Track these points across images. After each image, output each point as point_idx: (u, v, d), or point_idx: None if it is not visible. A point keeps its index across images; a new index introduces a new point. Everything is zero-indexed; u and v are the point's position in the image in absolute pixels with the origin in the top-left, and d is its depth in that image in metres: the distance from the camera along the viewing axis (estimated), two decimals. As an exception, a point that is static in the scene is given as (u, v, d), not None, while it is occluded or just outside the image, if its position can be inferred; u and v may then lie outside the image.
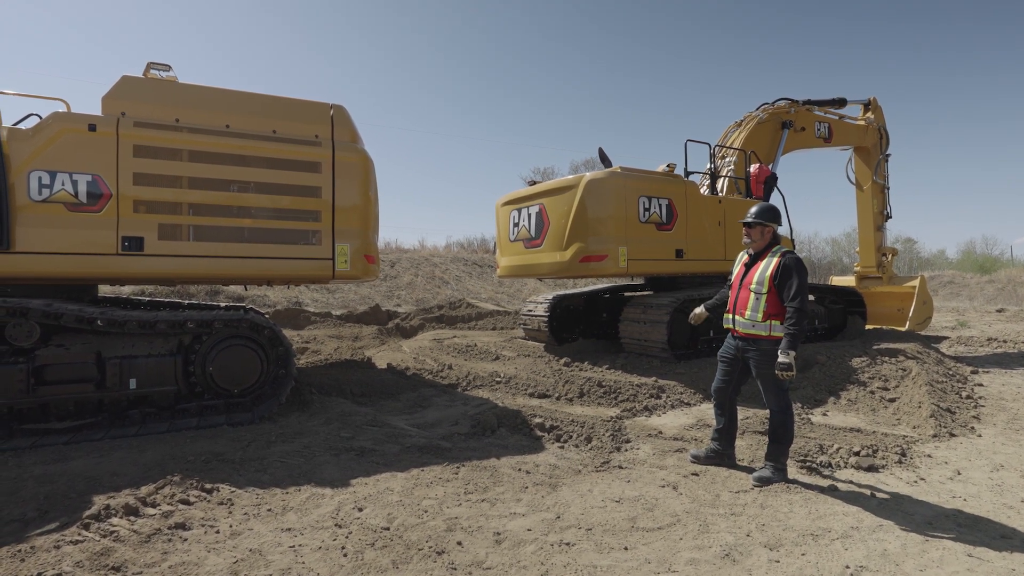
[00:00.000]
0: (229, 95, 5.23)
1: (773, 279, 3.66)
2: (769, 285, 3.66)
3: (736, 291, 3.90)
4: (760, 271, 3.73)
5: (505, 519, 3.06)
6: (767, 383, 3.71)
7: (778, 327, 3.62)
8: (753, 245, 3.86)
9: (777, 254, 3.74)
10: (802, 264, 3.69)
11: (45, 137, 4.46)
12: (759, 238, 3.84)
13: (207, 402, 4.95)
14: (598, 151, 7.86)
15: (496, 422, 4.83)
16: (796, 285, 3.57)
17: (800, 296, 3.55)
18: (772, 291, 3.66)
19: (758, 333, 3.69)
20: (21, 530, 2.83)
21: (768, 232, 3.84)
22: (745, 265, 3.91)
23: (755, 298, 3.70)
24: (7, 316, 4.29)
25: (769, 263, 3.72)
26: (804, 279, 3.63)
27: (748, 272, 3.83)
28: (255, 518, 3.03)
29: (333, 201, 5.40)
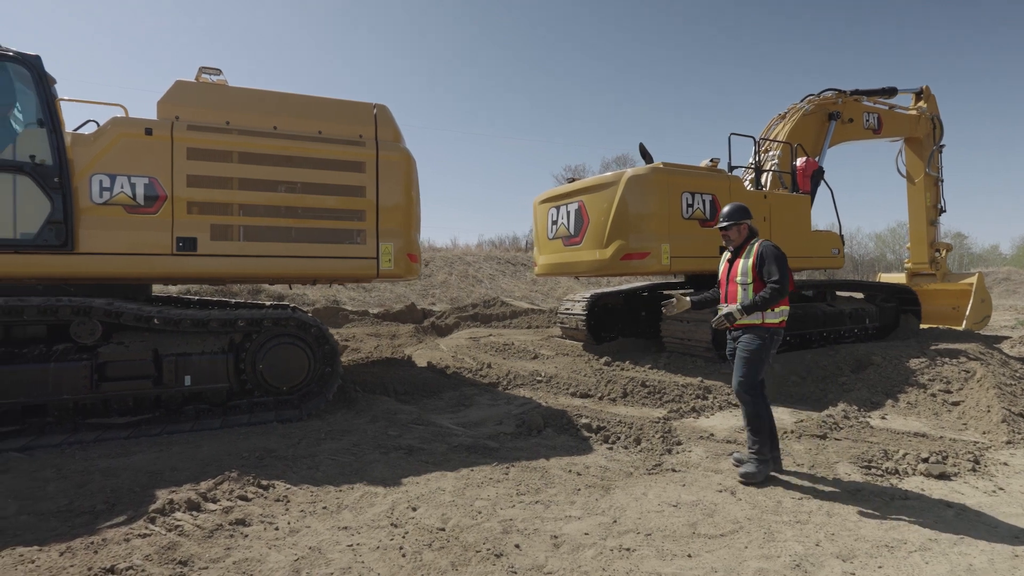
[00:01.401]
0: (276, 97, 5.32)
1: (755, 268, 3.79)
2: (753, 275, 3.79)
3: (724, 287, 4.02)
4: (743, 263, 3.87)
5: (560, 522, 3.00)
6: (740, 364, 3.79)
7: (770, 314, 3.74)
8: (732, 244, 4.01)
9: (755, 244, 3.88)
10: (779, 250, 3.82)
11: (105, 141, 4.61)
12: (737, 236, 3.98)
13: (257, 399, 5.05)
14: (639, 147, 7.71)
15: (542, 422, 4.77)
16: (775, 268, 3.71)
17: (779, 276, 3.67)
18: (757, 280, 3.78)
19: (752, 322, 3.77)
20: (92, 522, 2.91)
21: (744, 229, 3.97)
22: (728, 262, 4.05)
23: (743, 290, 3.83)
24: (72, 315, 4.45)
25: (749, 254, 3.86)
26: (782, 261, 3.75)
27: (732, 267, 3.97)
28: (311, 515, 3.05)
29: (377, 200, 5.44)
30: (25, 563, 2.50)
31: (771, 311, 3.74)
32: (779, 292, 3.66)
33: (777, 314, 3.77)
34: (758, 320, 3.75)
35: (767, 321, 3.74)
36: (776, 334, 3.79)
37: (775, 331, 3.78)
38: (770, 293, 3.66)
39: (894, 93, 11.46)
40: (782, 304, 3.76)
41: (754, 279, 3.79)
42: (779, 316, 3.78)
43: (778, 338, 3.82)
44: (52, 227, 4.39)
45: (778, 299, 3.67)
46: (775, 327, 3.78)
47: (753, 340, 3.74)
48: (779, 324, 3.80)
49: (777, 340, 3.81)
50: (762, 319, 3.74)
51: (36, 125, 4.41)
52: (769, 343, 3.76)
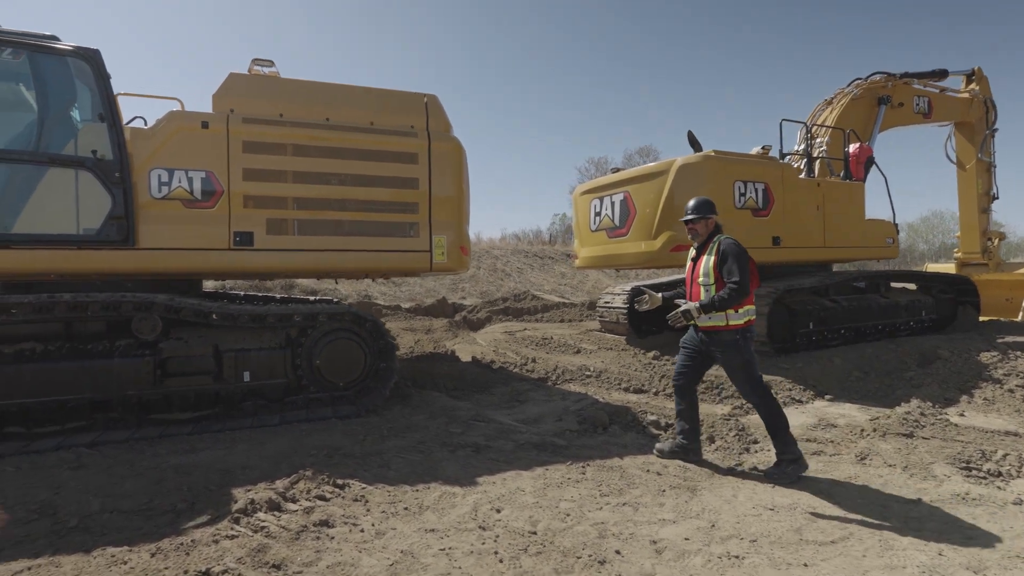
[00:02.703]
0: (328, 88, 5.22)
1: (716, 267, 3.65)
2: (715, 275, 3.65)
3: (689, 287, 3.88)
4: (705, 263, 3.73)
5: (655, 526, 2.86)
6: (736, 375, 3.67)
7: (733, 315, 3.58)
8: (698, 239, 3.84)
9: (717, 242, 3.72)
10: (740, 247, 3.66)
11: (163, 136, 4.56)
12: (704, 231, 3.82)
13: (313, 395, 4.99)
14: (688, 134, 7.46)
15: (607, 419, 4.62)
16: (735, 265, 3.55)
17: (740, 274, 3.52)
18: (719, 279, 3.63)
19: (716, 324, 3.63)
20: (175, 521, 2.86)
21: (711, 223, 3.82)
22: (692, 260, 3.91)
23: (705, 291, 3.69)
24: (134, 310, 4.42)
25: (712, 252, 3.71)
26: (743, 259, 3.59)
27: (695, 266, 3.82)
28: (394, 516, 2.95)
29: (430, 192, 5.32)
30: (118, 564, 2.44)
31: (734, 311, 3.58)
32: (738, 292, 3.50)
33: (741, 314, 3.61)
34: (722, 322, 3.60)
35: (731, 323, 3.59)
36: (747, 332, 3.65)
37: (745, 331, 3.63)
38: (728, 294, 3.50)
39: (945, 75, 10.98)
40: (746, 304, 3.61)
41: (716, 279, 3.65)
42: (744, 316, 3.62)
43: (751, 335, 3.67)
44: (114, 222, 4.37)
45: (737, 300, 3.52)
46: (741, 327, 3.61)
47: (728, 352, 3.62)
48: (745, 324, 3.63)
49: (751, 337, 3.67)
50: (726, 321, 3.59)
51: (96, 120, 4.38)
52: (744, 344, 3.61)
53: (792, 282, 7.40)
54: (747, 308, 3.63)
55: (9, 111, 4.40)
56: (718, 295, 3.55)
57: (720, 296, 3.53)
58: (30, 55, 4.22)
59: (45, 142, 4.26)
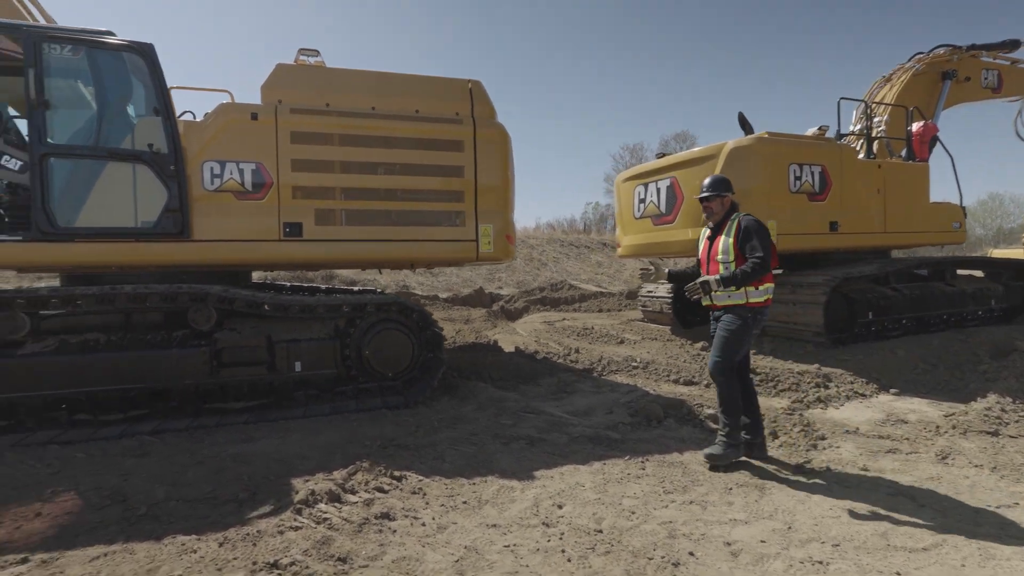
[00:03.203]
0: (373, 76, 5.17)
1: (737, 245, 3.55)
2: (735, 252, 3.56)
3: (705, 266, 3.78)
4: (723, 240, 3.63)
5: (726, 526, 2.72)
6: (720, 342, 3.58)
7: (754, 292, 3.51)
8: (713, 217, 3.74)
9: (736, 220, 3.64)
10: (760, 224, 3.61)
11: (215, 128, 4.59)
12: (720, 209, 3.71)
13: (362, 385, 5.00)
14: (738, 116, 7.14)
15: (662, 412, 4.48)
16: (758, 242, 3.48)
17: (763, 250, 3.46)
18: (739, 257, 3.55)
19: (736, 302, 3.55)
20: (238, 510, 2.88)
21: (727, 201, 3.73)
22: (708, 239, 3.81)
23: (724, 268, 3.59)
24: (189, 301, 4.50)
25: (730, 231, 3.62)
26: (766, 236, 3.53)
27: (712, 244, 3.73)
28: (454, 510, 2.90)
29: (476, 180, 5.23)
30: (188, 552, 2.46)
31: (755, 288, 3.51)
32: (762, 267, 3.43)
33: (761, 292, 3.54)
34: (741, 300, 3.53)
35: (751, 300, 3.52)
36: (760, 314, 3.58)
37: (759, 311, 3.57)
38: (752, 267, 3.42)
39: (1017, 46, 10.20)
40: (766, 281, 3.54)
41: (736, 256, 3.56)
42: (763, 294, 3.55)
43: (762, 318, 3.61)
44: (170, 215, 4.43)
45: (760, 274, 3.44)
46: (759, 306, 3.55)
47: (734, 320, 3.54)
48: (763, 303, 3.57)
49: (761, 320, 3.60)
50: (746, 298, 3.52)
51: (151, 114, 4.44)
52: (751, 323, 3.55)
53: (850, 269, 7.04)
54: (767, 286, 3.56)
55: (70, 107, 4.50)
56: (740, 268, 3.47)
57: (743, 270, 3.44)
58: (88, 51, 4.30)
59: (104, 137, 4.35)
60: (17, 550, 2.49)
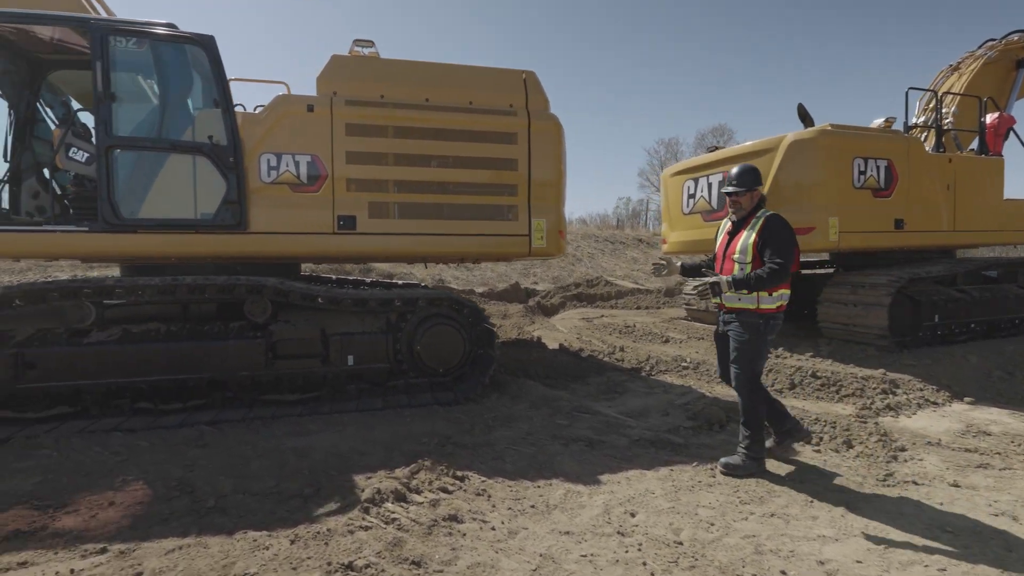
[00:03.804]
0: (426, 68, 5.09)
1: (757, 246, 3.28)
2: (753, 253, 3.29)
3: (720, 262, 3.55)
4: (743, 239, 3.37)
5: (815, 543, 2.56)
6: (739, 356, 3.34)
7: (766, 299, 3.27)
8: (740, 212, 3.48)
9: (762, 218, 3.36)
10: (787, 225, 3.33)
11: (271, 120, 4.59)
12: (748, 204, 3.44)
13: (412, 380, 4.96)
14: (798, 108, 6.83)
15: (724, 416, 4.30)
16: (780, 245, 3.22)
17: (783, 255, 3.19)
18: (757, 259, 3.29)
19: (746, 306, 3.32)
20: (304, 506, 2.85)
21: (756, 195, 3.45)
22: (728, 233, 3.55)
23: (739, 269, 3.34)
24: (246, 293, 4.52)
25: (753, 228, 3.34)
26: (790, 240, 3.27)
27: (731, 241, 3.47)
28: (522, 515, 2.81)
29: (529, 174, 5.12)
30: (261, 549, 2.43)
31: (768, 295, 3.26)
32: (779, 274, 3.17)
33: (775, 298, 3.29)
34: (752, 304, 3.28)
35: (762, 306, 3.27)
36: (773, 319, 3.33)
37: (771, 317, 3.31)
38: (768, 273, 3.17)
39: (1100, 30, 9.51)
40: (781, 288, 3.29)
41: (754, 258, 3.29)
42: (776, 300, 3.30)
43: (776, 323, 3.35)
44: (228, 207, 4.46)
45: (777, 281, 3.20)
46: (771, 312, 3.30)
47: (744, 332, 3.32)
48: (776, 309, 3.32)
49: (774, 326, 3.35)
50: (757, 303, 3.27)
51: (211, 106, 4.46)
52: (764, 330, 3.31)
53: (916, 269, 6.67)
54: (781, 292, 3.32)
55: (134, 100, 4.55)
56: (755, 272, 3.21)
57: (758, 274, 3.19)
58: (152, 44, 4.33)
59: (166, 129, 4.39)
60: (95, 539, 2.50)
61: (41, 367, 4.09)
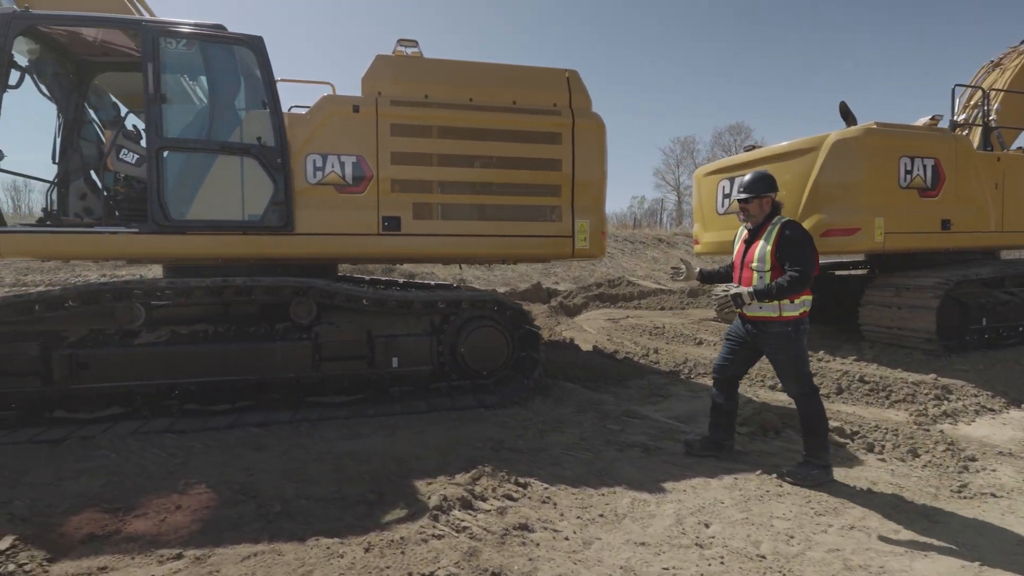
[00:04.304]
0: (470, 67, 5.05)
1: (775, 254, 3.25)
2: (772, 261, 3.27)
3: (738, 271, 3.51)
4: (760, 247, 3.33)
5: (903, 558, 2.47)
6: (784, 369, 3.34)
7: (788, 306, 3.24)
8: (752, 220, 3.44)
9: (777, 225, 3.32)
10: (806, 232, 3.31)
11: (317, 121, 4.57)
12: (759, 211, 3.40)
13: (455, 382, 4.92)
14: (840, 106, 6.67)
15: (779, 421, 4.20)
16: (800, 253, 3.20)
17: (804, 263, 3.16)
18: (776, 267, 3.27)
19: (767, 315, 3.29)
20: (370, 513, 2.81)
21: (767, 203, 3.39)
22: (745, 242, 3.50)
23: (758, 277, 3.32)
24: (292, 294, 4.50)
25: (769, 237, 3.30)
26: (810, 247, 3.24)
27: (748, 249, 3.43)
28: (592, 524, 2.75)
29: (573, 174, 5.05)
30: (335, 557, 2.40)
31: (789, 302, 3.23)
32: (800, 282, 3.13)
33: (796, 305, 3.26)
34: (773, 312, 3.26)
35: (784, 314, 3.25)
36: (801, 324, 3.30)
37: (798, 322, 3.28)
38: (789, 281, 3.12)
39: None
40: (803, 294, 3.25)
41: (773, 266, 3.27)
42: (799, 307, 3.27)
43: (804, 327, 3.32)
44: (275, 208, 4.45)
45: (798, 289, 3.16)
46: (795, 319, 3.26)
47: (777, 344, 3.31)
48: (799, 316, 3.28)
49: (804, 329, 3.32)
50: (779, 311, 3.25)
51: (259, 107, 4.45)
52: (796, 336, 3.28)
53: (964, 271, 6.50)
54: (803, 299, 3.27)
55: (183, 101, 4.57)
56: (776, 282, 3.18)
57: (779, 283, 3.15)
58: (201, 45, 4.33)
59: (215, 130, 4.39)
60: (169, 544, 2.49)
61: (94, 368, 4.11)
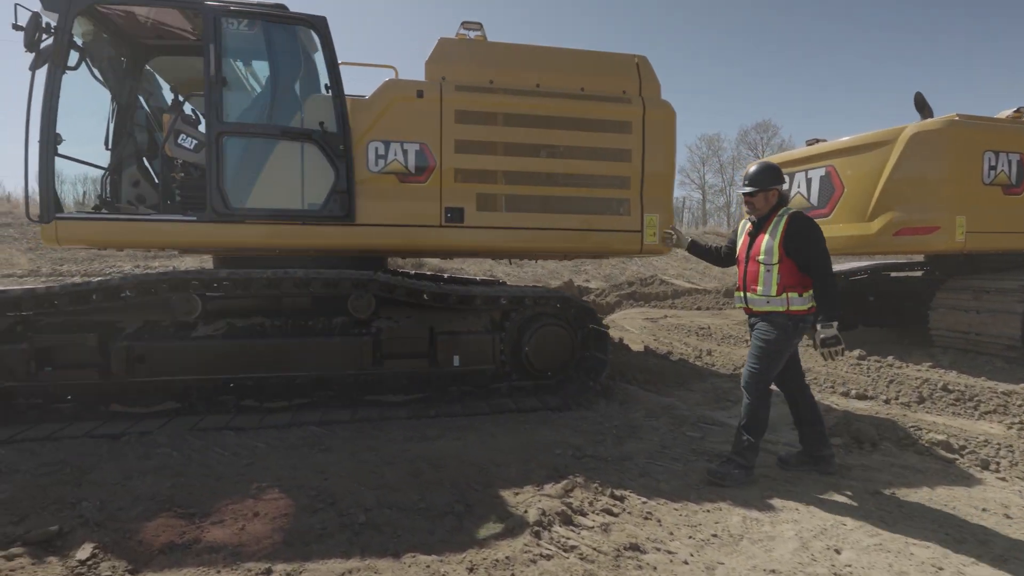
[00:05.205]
0: (535, 52, 4.80)
1: (783, 246, 3.14)
2: (780, 254, 3.15)
3: (743, 265, 3.37)
4: (767, 239, 3.21)
5: (1077, 598, 2.18)
6: (758, 357, 3.19)
7: (796, 299, 3.14)
8: (756, 213, 3.33)
9: (784, 217, 3.21)
10: (814, 223, 3.22)
11: (381, 106, 4.36)
12: (763, 204, 3.30)
13: (515, 382, 4.70)
14: (915, 98, 6.30)
15: (874, 433, 3.90)
16: (814, 248, 3.10)
17: (822, 260, 3.10)
18: (784, 260, 3.15)
19: (775, 309, 3.18)
20: (460, 526, 2.59)
21: (773, 196, 3.30)
22: (749, 234, 3.39)
23: (765, 271, 3.19)
24: (351, 288, 4.30)
25: (776, 229, 3.19)
26: (821, 239, 3.14)
27: (753, 242, 3.31)
28: (707, 545, 2.50)
29: (643, 165, 4.78)
30: (436, 577, 2.18)
31: (798, 295, 3.14)
32: (830, 280, 3.09)
33: (805, 299, 3.17)
34: (781, 306, 3.15)
35: (792, 308, 3.14)
36: (803, 322, 3.18)
37: (801, 319, 3.17)
38: (823, 286, 3.08)
39: None
40: (811, 287, 3.16)
41: (781, 259, 3.14)
42: (807, 301, 3.18)
43: (804, 326, 3.19)
44: (337, 197, 4.25)
45: (835, 285, 3.11)
46: (802, 314, 3.17)
47: (771, 331, 3.16)
48: (807, 311, 3.18)
49: (803, 329, 3.20)
50: (787, 305, 3.13)
51: (322, 91, 4.25)
52: (792, 333, 3.17)
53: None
54: (810, 292, 3.17)
55: (244, 84, 4.39)
56: (830, 299, 3.08)
57: (832, 299, 3.08)
58: (263, 26, 4.14)
59: (276, 115, 4.20)
60: (254, 556, 2.29)
61: (150, 360, 3.95)
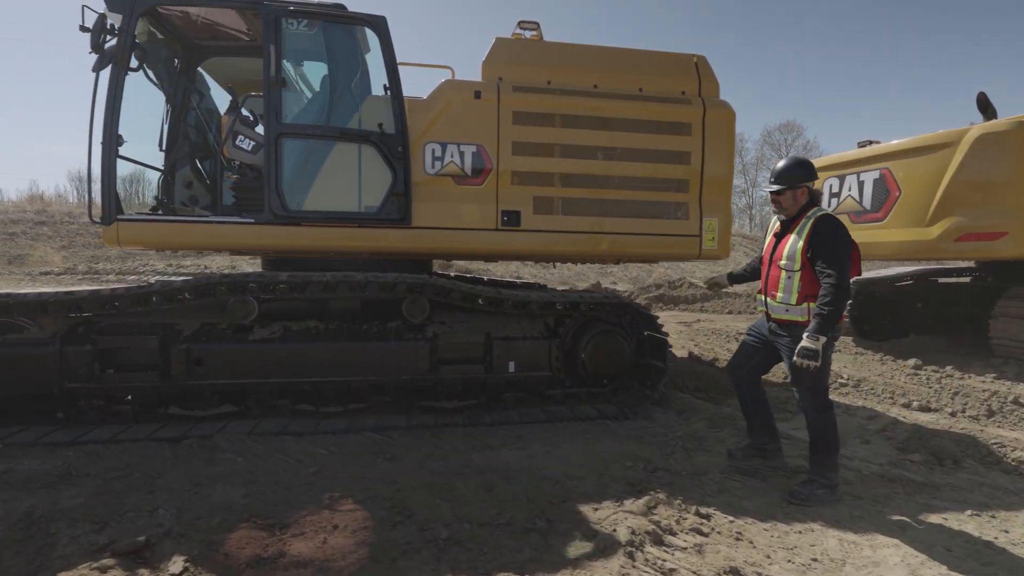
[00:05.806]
0: (593, 51, 4.69)
1: (806, 251, 2.94)
2: (802, 260, 2.96)
3: (767, 268, 3.20)
4: (791, 243, 3.02)
5: None
6: (800, 378, 2.97)
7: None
8: (785, 213, 3.12)
9: (812, 219, 2.99)
10: (840, 227, 2.95)
11: (438, 107, 4.29)
12: (791, 203, 3.08)
13: (570, 389, 4.59)
14: (978, 98, 6.07)
15: (956, 450, 3.72)
16: (831, 254, 2.85)
17: (837, 267, 2.82)
18: (806, 267, 2.96)
19: (794, 318, 3.01)
20: (546, 544, 2.49)
21: (802, 194, 3.07)
22: (776, 235, 3.19)
23: (786, 276, 3.03)
24: (406, 291, 4.23)
25: (802, 231, 2.98)
26: (844, 246, 2.89)
27: (778, 244, 3.13)
28: (809, 570, 2.37)
29: (702, 168, 4.65)
30: (536, 601, 2.09)
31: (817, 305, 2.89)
32: (841, 290, 2.79)
33: None
34: (801, 316, 2.96)
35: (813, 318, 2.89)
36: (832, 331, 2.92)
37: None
38: (831, 295, 2.78)
39: None
40: None
41: (803, 265, 2.95)
42: None
43: (836, 333, 2.95)
44: (394, 200, 4.18)
45: (844, 300, 2.81)
46: None
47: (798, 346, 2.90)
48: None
49: (834, 337, 2.95)
50: (807, 316, 2.92)
51: (381, 91, 4.19)
52: (827, 342, 2.89)
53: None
54: None
55: (304, 85, 4.35)
56: (827, 308, 2.79)
57: (830, 309, 2.79)
58: (323, 26, 4.09)
59: (335, 116, 4.15)
60: (342, 573, 2.22)
61: (208, 363, 3.93)
